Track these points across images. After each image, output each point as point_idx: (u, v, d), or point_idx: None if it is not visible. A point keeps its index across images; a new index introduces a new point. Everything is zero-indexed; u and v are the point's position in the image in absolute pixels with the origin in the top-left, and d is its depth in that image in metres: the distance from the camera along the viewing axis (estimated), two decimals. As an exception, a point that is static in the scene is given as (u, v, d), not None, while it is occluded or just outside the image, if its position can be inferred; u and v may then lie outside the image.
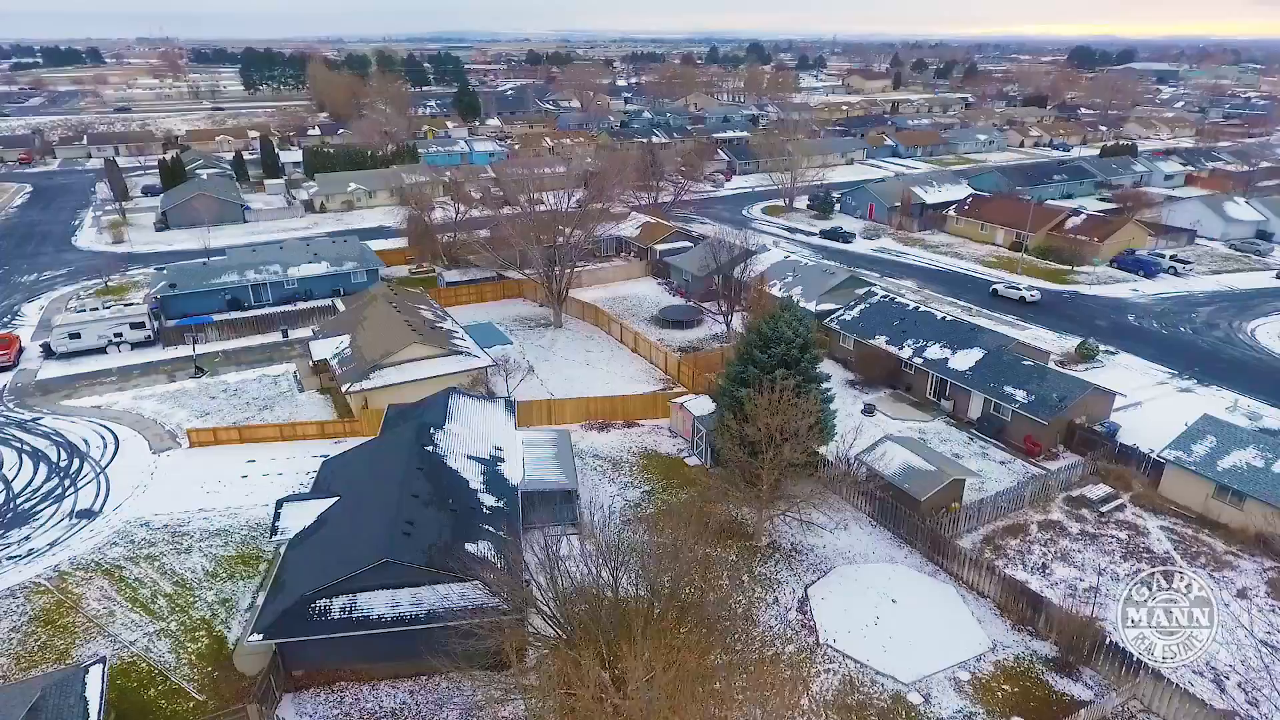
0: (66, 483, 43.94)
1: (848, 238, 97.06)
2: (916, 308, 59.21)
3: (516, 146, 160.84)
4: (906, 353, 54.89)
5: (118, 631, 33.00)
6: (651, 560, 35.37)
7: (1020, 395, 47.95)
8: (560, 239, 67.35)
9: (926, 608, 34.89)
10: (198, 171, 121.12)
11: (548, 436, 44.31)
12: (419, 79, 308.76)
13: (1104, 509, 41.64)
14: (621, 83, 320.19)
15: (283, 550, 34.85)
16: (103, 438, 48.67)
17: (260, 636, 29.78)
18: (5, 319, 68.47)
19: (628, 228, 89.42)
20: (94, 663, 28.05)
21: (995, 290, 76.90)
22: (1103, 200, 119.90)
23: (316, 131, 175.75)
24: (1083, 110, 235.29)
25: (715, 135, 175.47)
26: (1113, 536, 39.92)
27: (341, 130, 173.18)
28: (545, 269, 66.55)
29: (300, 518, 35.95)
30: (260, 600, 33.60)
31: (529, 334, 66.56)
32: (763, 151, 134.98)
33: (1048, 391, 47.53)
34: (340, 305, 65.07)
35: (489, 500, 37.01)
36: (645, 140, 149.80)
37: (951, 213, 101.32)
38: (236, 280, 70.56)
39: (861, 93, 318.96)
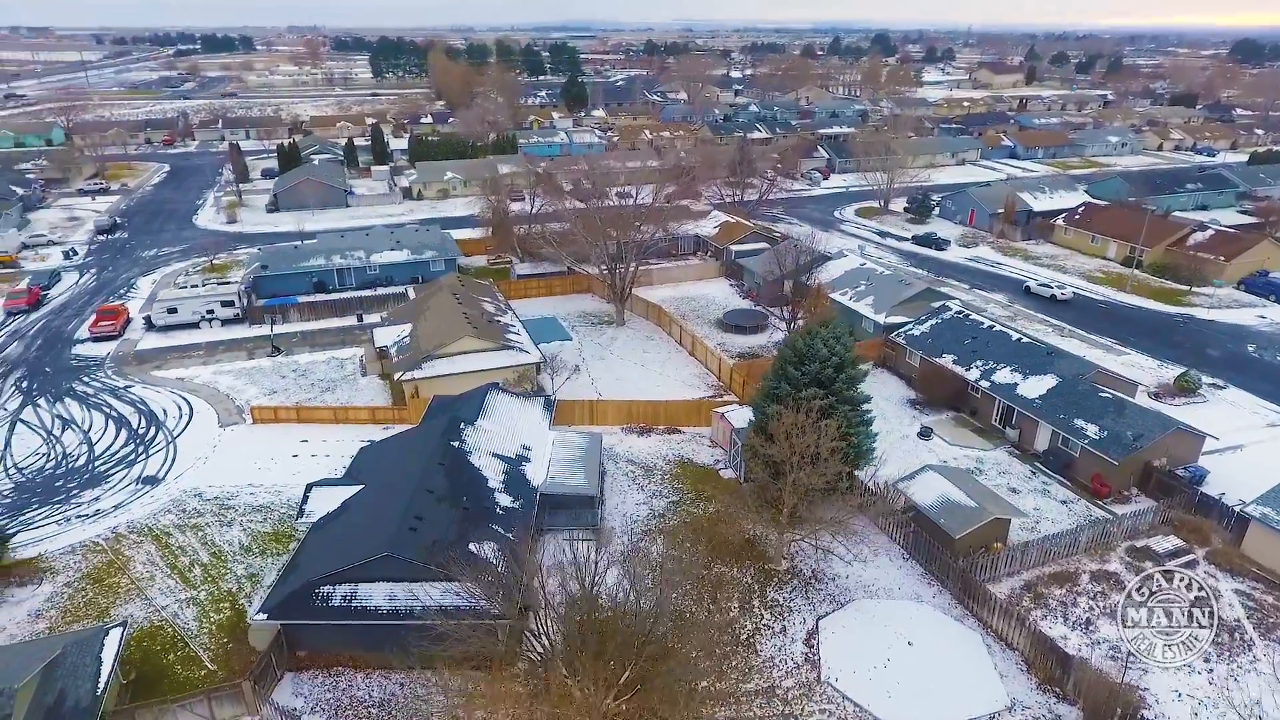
0: (140, 449, 47.49)
1: (941, 245, 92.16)
2: (991, 326, 55.45)
3: (615, 139, 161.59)
4: (974, 374, 51.54)
5: (154, 595, 35.40)
6: (660, 575, 34.71)
7: (1091, 430, 44.09)
8: (627, 236, 66.89)
9: (945, 654, 32.66)
10: (312, 157, 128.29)
11: (579, 439, 44.26)
12: (536, 69, 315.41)
13: (1170, 564, 37.71)
14: (735, 74, 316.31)
15: (305, 533, 36.39)
16: (179, 408, 52.31)
17: (264, 616, 31.22)
18: (122, 291, 74.72)
19: (706, 226, 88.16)
20: (115, 626, 30.19)
21: (1028, 288, 76.55)
22: (1243, 213, 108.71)
23: (429, 120, 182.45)
24: (1238, 111, 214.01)
25: (820, 131, 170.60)
26: (1176, 596, 36.11)
27: (451, 119, 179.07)
28: (609, 265, 66.42)
29: (326, 502, 37.42)
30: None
31: (590, 330, 66.75)
32: (859, 150, 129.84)
33: (1123, 428, 43.47)
34: (412, 293, 67.27)
35: (505, 500, 37.33)
36: (742, 135, 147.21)
37: (1060, 222, 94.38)
38: (323, 264, 74.25)
39: (989, 88, 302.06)
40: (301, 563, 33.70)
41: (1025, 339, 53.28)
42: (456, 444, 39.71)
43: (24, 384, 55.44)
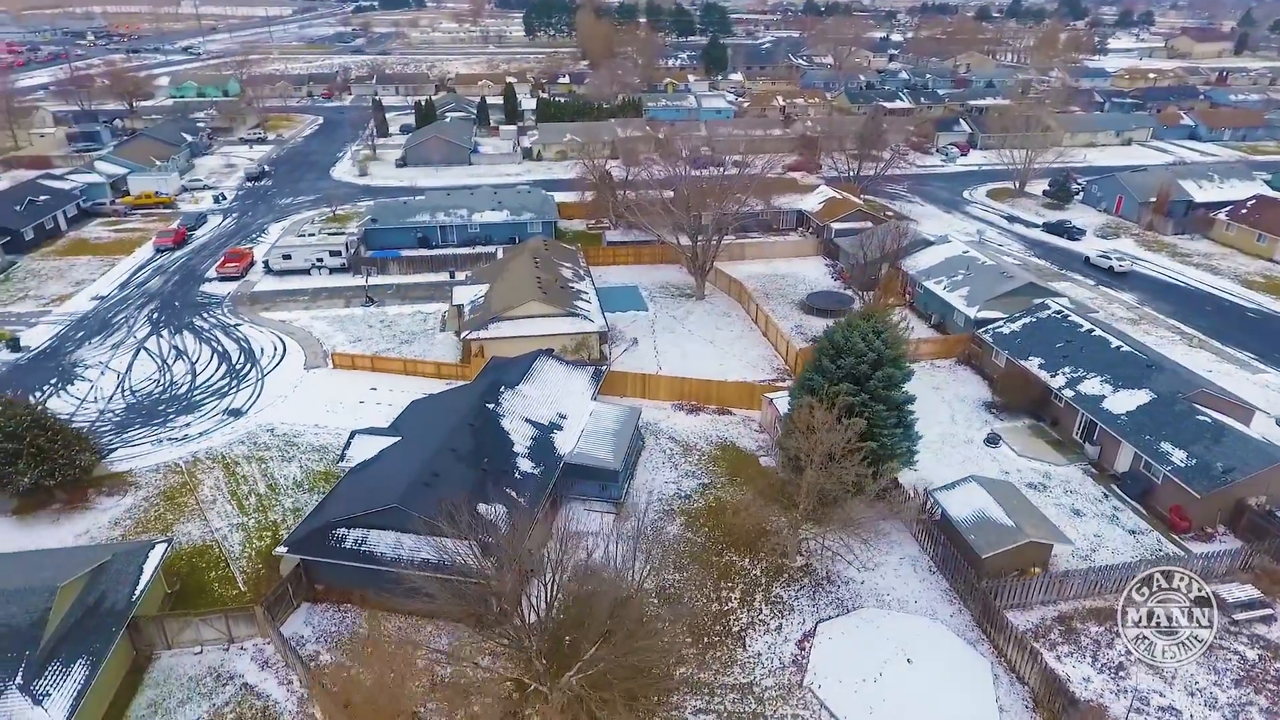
0: (234, 383, 52.30)
1: (1075, 234, 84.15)
2: (1091, 330, 50.40)
3: (745, 104, 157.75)
4: (1059, 381, 47.27)
5: (211, 518, 39.28)
6: (661, 555, 34.87)
7: (1178, 456, 39.51)
8: (718, 207, 65.43)
9: (945, 678, 30.84)
10: (446, 114, 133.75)
11: (617, 412, 44.54)
12: (685, 29, 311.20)
13: (1240, 616, 33.53)
14: (896, 37, 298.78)
15: (341, 476, 39.03)
16: (275, 348, 57.00)
17: (285, 550, 33.98)
18: (254, 235, 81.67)
19: (811, 201, 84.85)
20: (160, 542, 33.84)
21: (1088, 259, 76.66)
22: None
23: (566, 80, 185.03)
24: None
25: (971, 103, 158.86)
26: (1236, 653, 32.19)
27: (587, 79, 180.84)
28: (691, 237, 65.46)
29: (365, 450, 39.93)
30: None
31: (668, 302, 66.47)
32: (996, 125, 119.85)
33: (1215, 457, 38.65)
34: (501, 254, 69.37)
35: (525, 465, 38.36)
36: (875, 104, 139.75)
37: (1222, 216, 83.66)
38: (428, 220, 77.82)
39: (1188, 57, 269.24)
40: (328, 504, 36.29)
41: (1127, 347, 48.11)
42: (492, 406, 41.04)
43: (154, 315, 62.17)
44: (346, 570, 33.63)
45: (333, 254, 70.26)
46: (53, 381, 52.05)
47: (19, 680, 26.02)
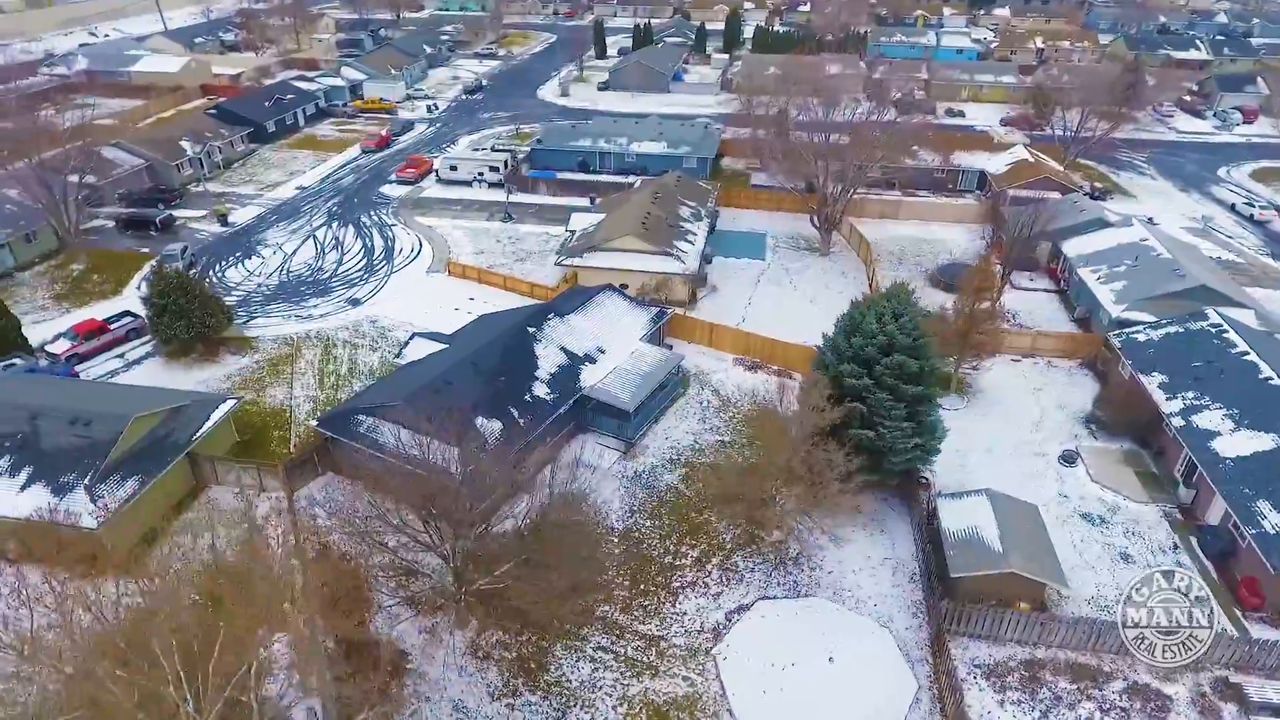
0: (366, 276, 59.46)
1: (1341, 235, 67.88)
2: (1243, 354, 41.59)
3: (993, 45, 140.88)
4: (1174, 406, 40.06)
5: (295, 388, 46.13)
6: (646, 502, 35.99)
7: (1271, 521, 32.50)
8: (849, 160, 61.08)
9: (859, 687, 29.28)
10: (664, 39, 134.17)
11: (657, 355, 44.97)
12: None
13: (1256, 718, 27.82)
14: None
15: (391, 371, 43.85)
16: (413, 250, 63.57)
17: (317, 424, 39.42)
18: (444, 145, 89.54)
19: (998, 161, 75.65)
20: (232, 399, 40.77)
21: (1234, 205, 76.10)
22: None
23: (807, 7, 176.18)
24: None
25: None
26: (1233, 757, 27.03)
27: (828, 8, 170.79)
28: (818, 188, 61.84)
29: (418, 351, 44.39)
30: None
31: (790, 254, 64.06)
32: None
33: (1318, 532, 31.35)
34: (637, 184, 70.43)
35: (540, 391, 40.57)
36: (1138, 53, 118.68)
37: None
38: (589, 146, 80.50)
39: None
40: (368, 392, 41.23)
41: (1278, 381, 39.32)
42: (532, 330, 43.43)
43: (334, 208, 71.53)
44: (356, 453, 38.30)
45: (492, 169, 75.54)
46: (237, 254, 62.56)
47: (85, 482, 33.55)
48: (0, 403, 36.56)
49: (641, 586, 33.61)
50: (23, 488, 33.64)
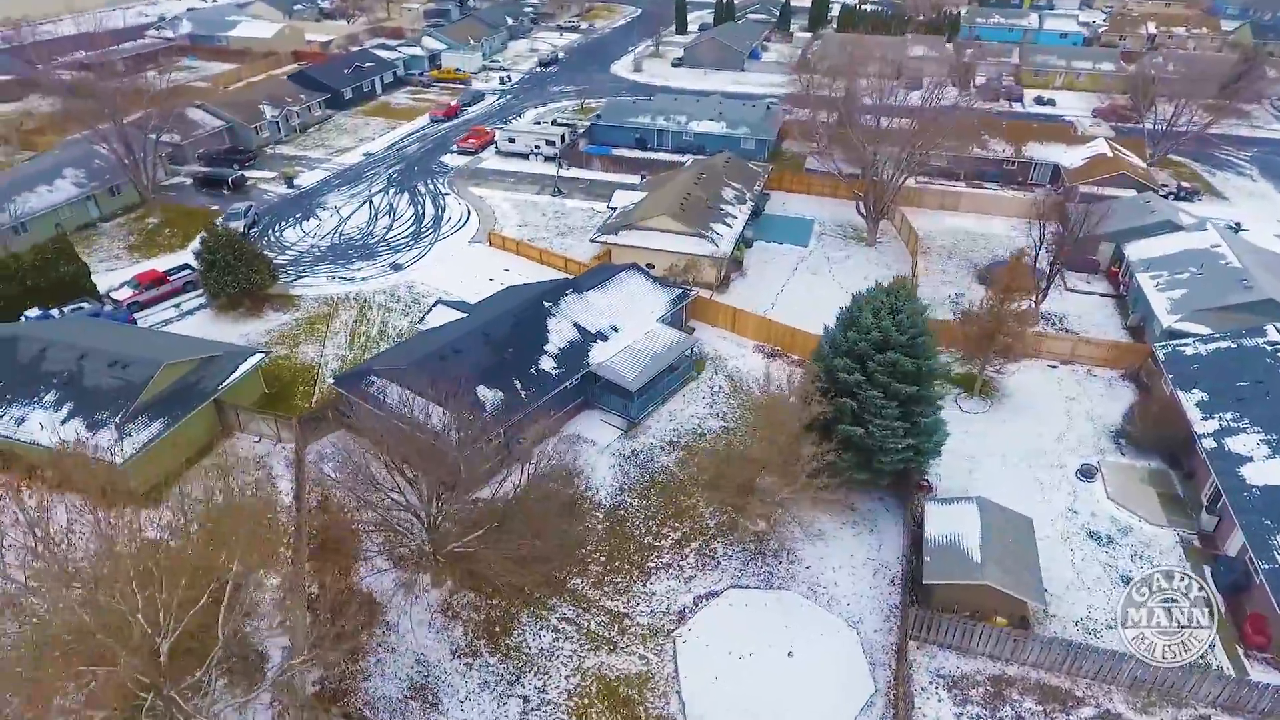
0: (412, 242, 61.46)
1: None
2: (1298, 376, 38.48)
3: (1101, 30, 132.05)
4: (1208, 427, 37.49)
5: (327, 346, 48.38)
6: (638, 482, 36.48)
7: (1288, 557, 30.28)
8: (904, 146, 58.86)
9: (814, 684, 29.06)
10: (747, 15, 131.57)
11: (671, 336, 44.95)
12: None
13: (1235, 764, 26.23)
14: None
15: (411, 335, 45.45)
16: (461, 219, 65.23)
17: (332, 382, 41.35)
18: (510, 117, 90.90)
19: (1075, 155, 71.41)
20: (258, 353, 43.16)
21: None
22: None
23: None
24: None
25: None
26: (1200, 801, 25.58)
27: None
28: (867, 174, 59.92)
29: (438, 318, 45.89)
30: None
31: (834, 242, 62.55)
32: None
33: (1337, 573, 29.00)
34: (688, 164, 69.92)
35: (546, 364, 41.32)
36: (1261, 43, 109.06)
37: None
38: (647, 123, 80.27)
39: None
40: (382, 355, 42.93)
41: (1331, 408, 36.25)
42: (548, 304, 44.15)
43: (393, 175, 73.94)
44: (365, 413, 39.93)
45: (548, 143, 76.41)
46: (297, 215, 65.65)
47: (116, 420, 36.39)
48: (56, 342, 39.86)
49: (617, 563, 34.11)
50: (64, 420, 36.76)
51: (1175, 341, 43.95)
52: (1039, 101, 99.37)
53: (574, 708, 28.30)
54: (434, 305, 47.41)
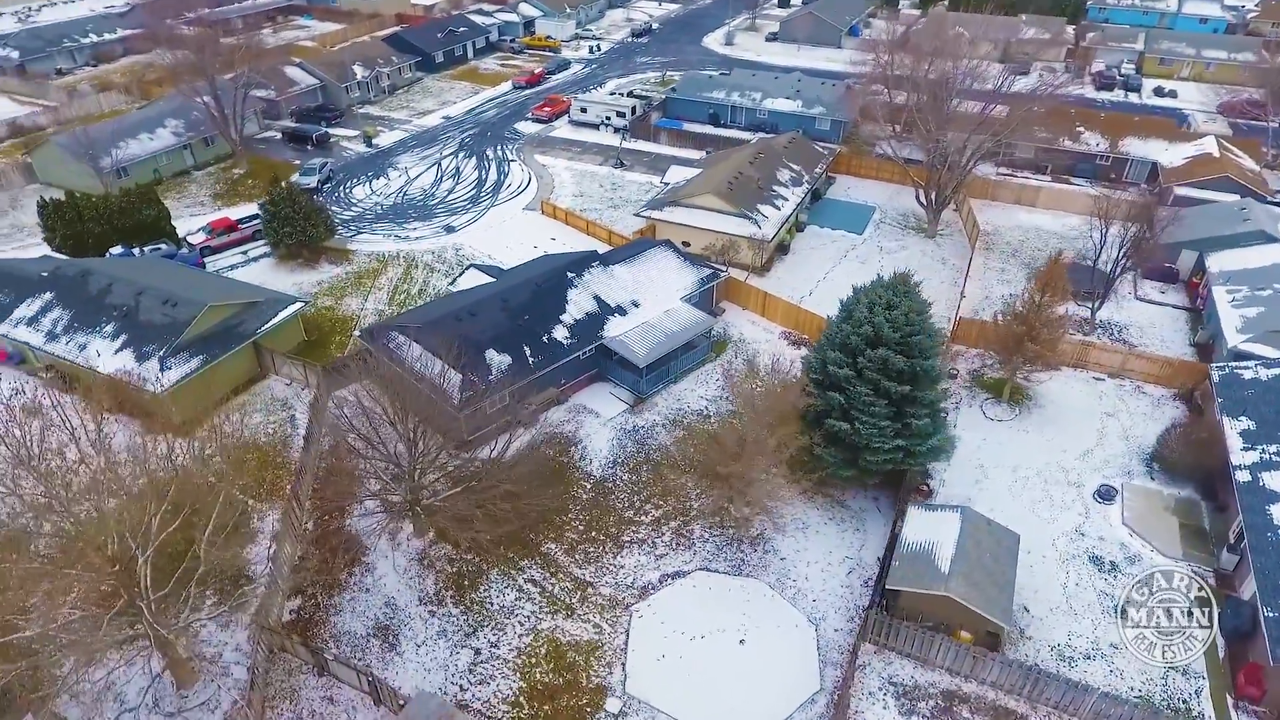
0: (469, 206, 63.30)
1: None
2: (1363, 412, 34.69)
3: (1251, 16, 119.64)
4: (1247, 458, 34.48)
5: (369, 301, 50.82)
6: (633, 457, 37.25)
7: (1297, 607, 27.76)
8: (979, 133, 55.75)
9: (760, 675, 29.04)
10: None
11: (692, 317, 44.73)
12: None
13: (1189, 816, 24.57)
14: None
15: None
16: (520, 184, 66.60)
17: (357, 335, 43.56)
18: (591, 87, 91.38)
19: (1177, 153, 65.66)
20: (299, 302, 45.87)
21: None
22: None
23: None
24: None
25: None
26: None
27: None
28: (930, 160, 57.19)
29: (469, 281, 47.46)
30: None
31: (892, 232, 60.30)
32: None
33: (1348, 631, 26.40)
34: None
35: (559, 334, 42.13)
36: None
37: None
38: (721, 98, 79.08)
39: None
40: (408, 313, 44.80)
41: (1394, 451, 32.58)
42: (571, 275, 44.83)
43: (465, 139, 76.03)
44: (384, 366, 42.01)
45: (619, 114, 76.61)
46: (369, 173, 68.69)
47: (162, 354, 39.72)
48: (120, 278, 43.69)
49: (593, 534, 34.81)
50: (117, 351, 40.43)
51: (1234, 363, 40.39)
52: (1158, 93, 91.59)
53: (520, 665, 29.37)
54: (466, 268, 48.97)
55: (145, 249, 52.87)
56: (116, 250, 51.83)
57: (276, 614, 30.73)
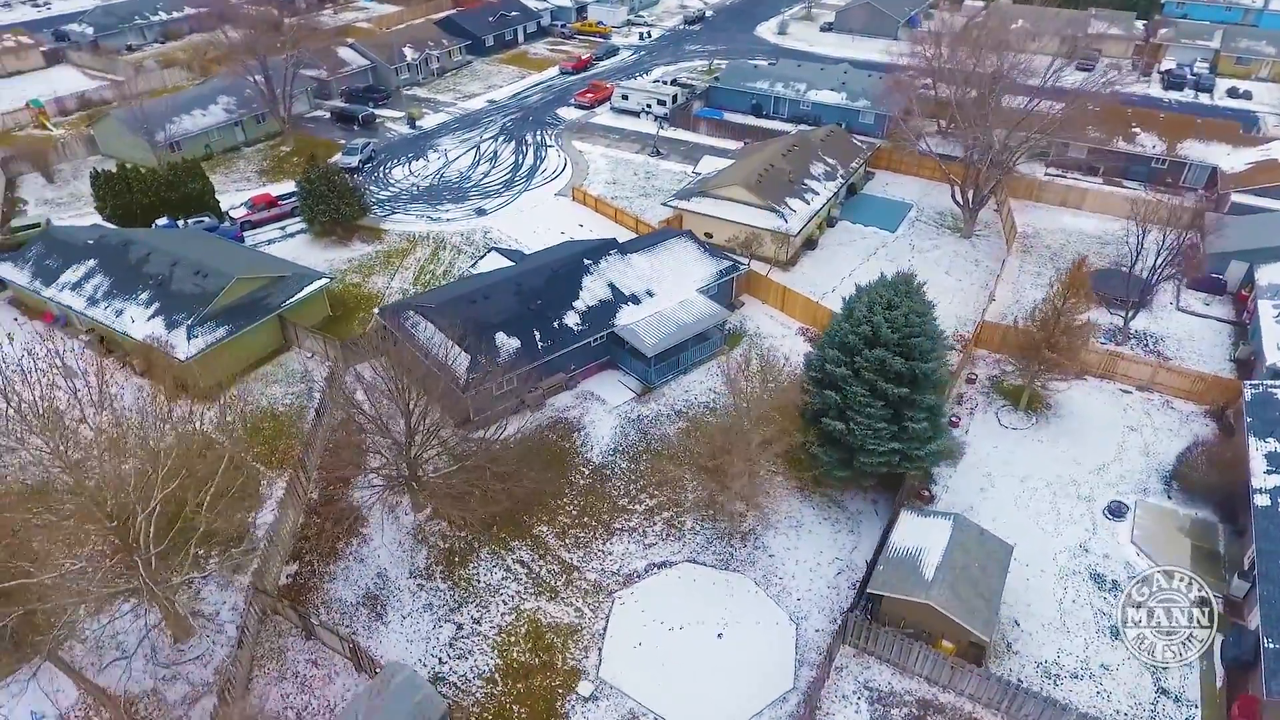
0: (503, 190, 64.02)
1: None
2: (1400, 440, 32.68)
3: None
4: (1268, 482, 32.91)
5: (395, 280, 51.96)
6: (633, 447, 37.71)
7: (1301, 639, 26.49)
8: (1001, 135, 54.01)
9: (734, 670, 29.06)
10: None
11: (707, 310, 44.58)
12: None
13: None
14: None
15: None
16: (555, 169, 67.04)
17: (376, 313, 44.63)
18: (638, 74, 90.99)
19: (1238, 158, 62.40)
20: (325, 278, 47.21)
21: None
22: None
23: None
24: None
25: None
26: None
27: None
28: (968, 157, 55.54)
29: (489, 264, 48.09)
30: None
31: (927, 230, 58.90)
32: None
33: (1351, 669, 25.10)
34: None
35: (570, 320, 42.47)
36: None
37: None
38: (764, 89, 78.10)
39: None
40: (426, 294, 45.69)
41: None
42: (588, 262, 45.07)
43: (507, 123, 76.75)
44: (400, 343, 42.94)
45: (659, 103, 76.35)
46: (410, 154, 70.00)
47: (189, 322, 41.42)
48: (158, 249, 45.60)
49: (585, 519, 35.17)
50: (149, 318, 42.29)
51: (1269, 382, 38.46)
52: (1232, 94, 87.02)
53: (499, 642, 29.96)
54: (488, 251, 49.65)
55: (188, 221, 55.03)
56: (162, 221, 54.06)
57: (274, 577, 31.96)
